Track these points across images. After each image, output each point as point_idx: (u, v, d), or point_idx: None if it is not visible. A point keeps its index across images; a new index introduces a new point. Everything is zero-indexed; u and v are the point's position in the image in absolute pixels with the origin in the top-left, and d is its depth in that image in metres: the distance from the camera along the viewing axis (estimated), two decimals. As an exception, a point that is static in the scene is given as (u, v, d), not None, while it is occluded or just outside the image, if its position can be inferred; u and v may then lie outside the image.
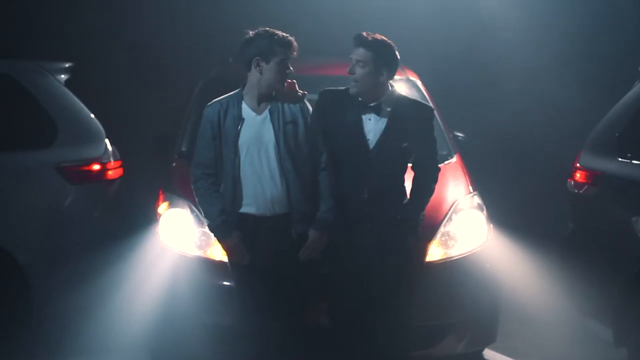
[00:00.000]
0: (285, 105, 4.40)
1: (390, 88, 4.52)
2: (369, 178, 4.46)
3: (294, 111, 4.41)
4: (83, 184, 5.54)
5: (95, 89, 6.48)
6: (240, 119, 4.34)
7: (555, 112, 9.60)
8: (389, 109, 4.47)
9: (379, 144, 4.45)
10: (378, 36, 4.42)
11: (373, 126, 4.47)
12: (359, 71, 4.38)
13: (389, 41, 4.44)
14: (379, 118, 4.47)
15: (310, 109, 4.48)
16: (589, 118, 6.07)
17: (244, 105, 4.38)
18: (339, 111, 4.49)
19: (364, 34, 4.40)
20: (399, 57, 4.46)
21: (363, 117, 4.47)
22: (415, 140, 4.51)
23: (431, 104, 5.88)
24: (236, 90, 4.45)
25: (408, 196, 4.62)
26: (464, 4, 9.96)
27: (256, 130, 4.34)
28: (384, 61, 4.40)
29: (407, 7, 9.91)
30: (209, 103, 4.47)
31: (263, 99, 4.38)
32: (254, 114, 4.37)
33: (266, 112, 4.37)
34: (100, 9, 9.60)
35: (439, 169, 4.68)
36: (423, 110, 4.63)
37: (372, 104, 4.47)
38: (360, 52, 4.37)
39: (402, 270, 4.55)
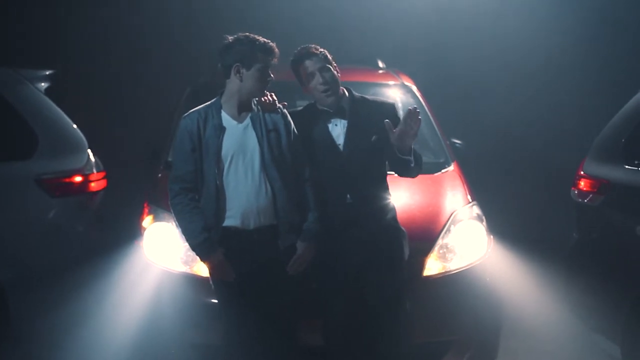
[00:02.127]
0: (266, 114, 4.25)
1: (346, 93, 4.48)
2: (348, 181, 4.37)
3: (275, 119, 4.26)
4: (64, 196, 5.30)
5: (77, 96, 6.25)
6: (221, 129, 4.14)
7: (556, 118, 9.42)
8: (349, 110, 4.44)
9: (346, 143, 4.39)
10: (309, 46, 4.43)
11: (340, 130, 4.43)
12: (328, 75, 4.36)
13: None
14: (344, 121, 4.43)
15: (290, 117, 4.34)
16: (592, 123, 5.90)
17: (224, 114, 4.20)
18: (306, 128, 4.42)
19: (300, 48, 4.42)
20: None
21: (329, 125, 4.43)
22: (383, 137, 4.38)
23: (423, 115, 5.73)
24: (214, 99, 4.27)
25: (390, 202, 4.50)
26: (461, 9, 9.79)
27: (239, 139, 4.16)
28: (329, 58, 4.42)
29: (401, 13, 9.74)
30: (186, 114, 4.27)
31: (243, 107, 4.22)
32: (235, 122, 4.19)
33: (247, 120, 4.20)
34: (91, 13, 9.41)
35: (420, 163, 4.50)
36: (383, 106, 4.54)
37: (333, 110, 4.43)
38: (316, 60, 4.37)
39: (397, 281, 4.38)
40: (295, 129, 4.32)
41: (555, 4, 9.52)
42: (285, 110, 4.32)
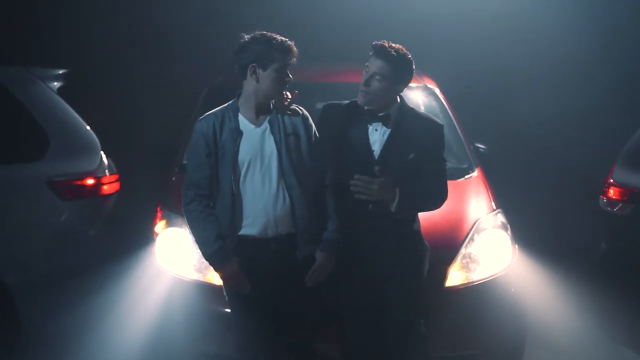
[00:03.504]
0: (286, 117, 4.04)
1: (399, 100, 4.21)
2: None
3: (295, 122, 4.05)
4: (76, 199, 5.22)
5: (92, 96, 6.14)
6: (238, 132, 3.97)
7: (581, 123, 9.22)
8: (394, 119, 4.16)
9: (383, 153, 4.13)
10: (400, 48, 4.09)
11: (379, 136, 4.17)
12: (375, 85, 4.07)
13: (409, 55, 4.11)
14: (385, 129, 4.16)
15: (311, 120, 4.14)
16: (619, 129, 5.73)
17: (241, 117, 4.02)
18: (344, 123, 4.18)
19: (386, 45, 4.06)
20: (414, 70, 4.16)
21: (369, 127, 4.17)
22: (422, 156, 4.14)
23: (446, 119, 5.54)
24: (230, 102, 4.10)
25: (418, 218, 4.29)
26: (484, 8, 9.63)
27: (256, 143, 3.97)
28: (403, 77, 4.11)
29: (425, 12, 9.59)
30: (201, 117, 4.10)
31: (261, 110, 4.02)
32: (252, 126, 4.01)
33: (265, 124, 4.01)
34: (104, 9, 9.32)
35: (445, 195, 4.25)
36: (431, 126, 4.24)
37: (379, 114, 4.16)
38: (379, 65, 4.04)
39: (413, 296, 4.20)
40: (317, 132, 4.12)
41: (585, 6, 9.33)
42: (305, 112, 4.12)
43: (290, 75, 3.96)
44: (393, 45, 4.07)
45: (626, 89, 9.14)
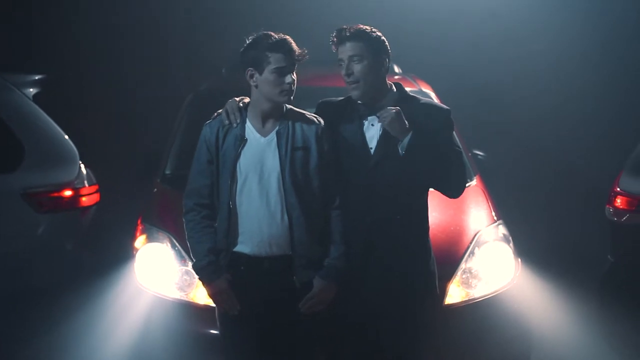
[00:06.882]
0: (298, 127, 3.75)
1: (393, 88, 3.88)
2: (374, 194, 3.78)
3: (307, 134, 3.75)
4: (53, 212, 5.07)
5: (69, 103, 5.95)
6: (242, 140, 3.70)
7: (587, 129, 9.01)
8: None
9: (378, 148, 3.79)
10: (359, 26, 3.78)
11: (375, 131, 3.82)
12: (357, 67, 3.73)
13: (370, 27, 3.80)
14: None
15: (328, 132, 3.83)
16: (627, 134, 5.53)
17: (248, 124, 3.75)
18: (339, 122, 3.86)
19: (344, 27, 3.76)
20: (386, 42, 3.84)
21: (365, 122, 3.84)
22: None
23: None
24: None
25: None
26: (484, 12, 9.44)
27: (258, 155, 3.70)
28: (380, 48, 3.78)
29: (422, 16, 9.41)
30: (209, 120, 3.84)
31: (268, 116, 3.74)
32: (258, 135, 3.73)
33: (273, 135, 3.72)
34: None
35: (463, 185, 3.95)
36: (433, 111, 3.89)
37: (374, 107, 3.81)
38: (349, 47, 3.73)
39: (420, 321, 3.90)
40: (328, 147, 3.79)
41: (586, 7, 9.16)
42: (322, 123, 3.80)
43: (293, 76, 3.64)
44: (350, 25, 3.76)
45: (630, 89, 8.93)
